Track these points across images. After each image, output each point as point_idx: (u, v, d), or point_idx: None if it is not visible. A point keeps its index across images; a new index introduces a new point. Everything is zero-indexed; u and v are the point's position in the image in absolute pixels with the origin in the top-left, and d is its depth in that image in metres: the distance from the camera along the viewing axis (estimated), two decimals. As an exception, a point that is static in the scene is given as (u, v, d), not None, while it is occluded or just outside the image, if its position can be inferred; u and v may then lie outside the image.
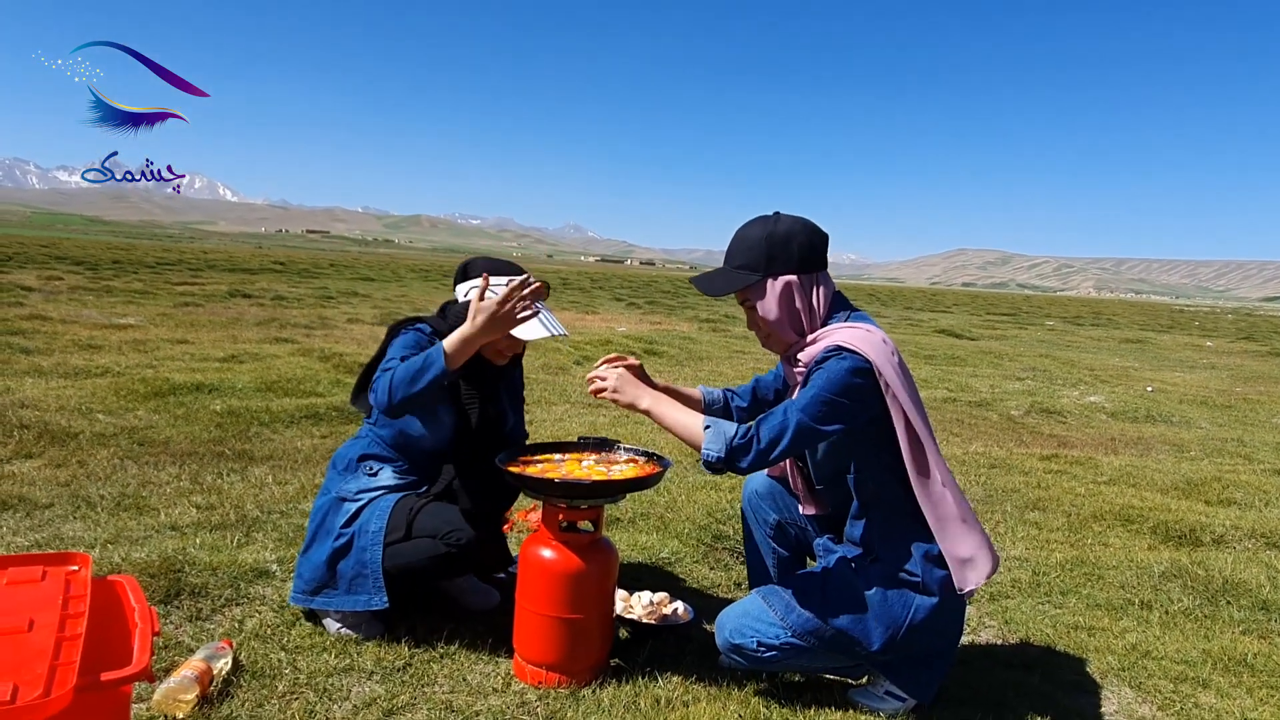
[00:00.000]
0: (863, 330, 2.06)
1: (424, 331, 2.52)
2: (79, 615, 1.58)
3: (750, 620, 2.16)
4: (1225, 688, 2.41)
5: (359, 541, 2.45)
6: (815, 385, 2.02)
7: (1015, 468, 5.32)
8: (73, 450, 4.33)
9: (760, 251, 2.12)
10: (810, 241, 2.12)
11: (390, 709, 2.10)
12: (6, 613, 1.54)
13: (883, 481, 2.13)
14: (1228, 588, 3.15)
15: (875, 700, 2.20)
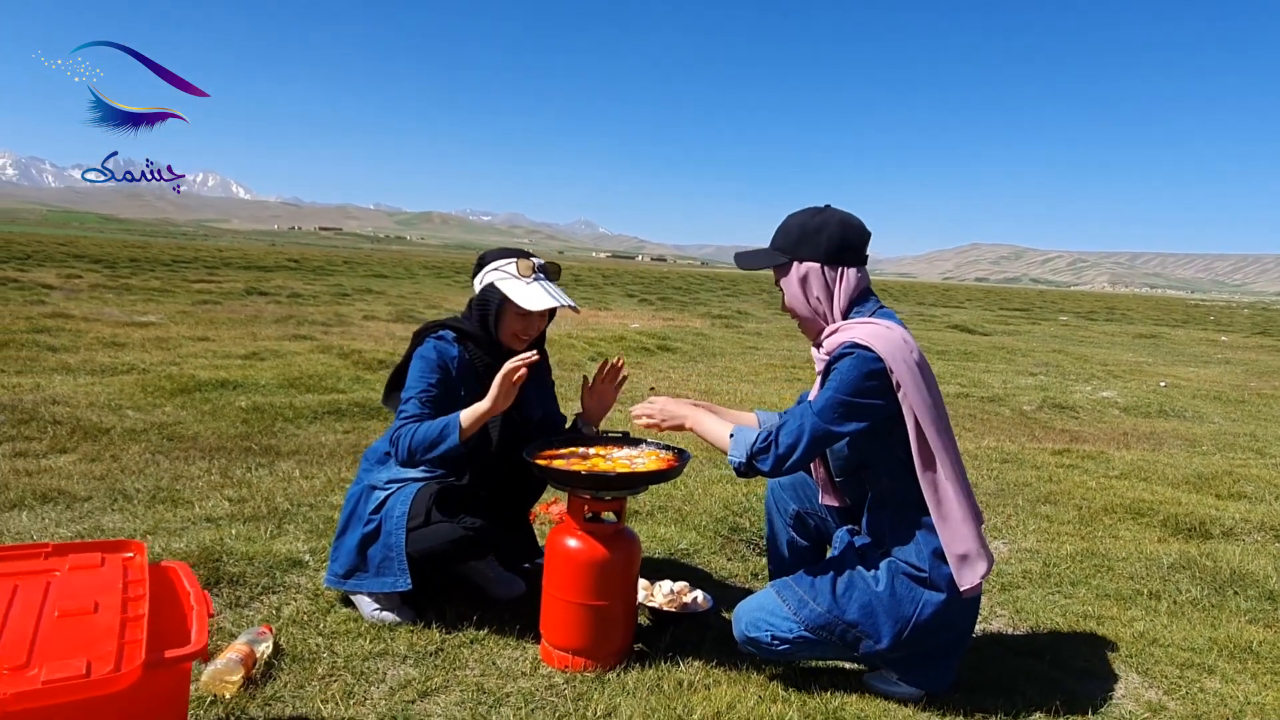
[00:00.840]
0: (882, 327, 2.13)
1: (445, 339, 2.62)
2: (140, 598, 1.68)
3: (765, 614, 2.25)
4: (1230, 674, 2.49)
5: (385, 526, 2.56)
6: (830, 387, 2.11)
7: (1027, 462, 5.38)
8: (105, 445, 4.46)
9: (793, 237, 2.24)
10: (842, 235, 2.21)
11: (425, 690, 2.19)
12: (72, 596, 1.65)
13: (896, 476, 2.20)
14: (1235, 578, 3.22)
15: (890, 685, 2.28)
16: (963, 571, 2.12)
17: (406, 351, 2.70)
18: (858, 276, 2.24)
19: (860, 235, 2.23)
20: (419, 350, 2.61)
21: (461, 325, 2.66)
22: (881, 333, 2.12)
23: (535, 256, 2.66)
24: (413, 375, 2.56)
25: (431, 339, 2.62)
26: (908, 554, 2.19)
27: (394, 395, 2.71)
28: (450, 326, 2.67)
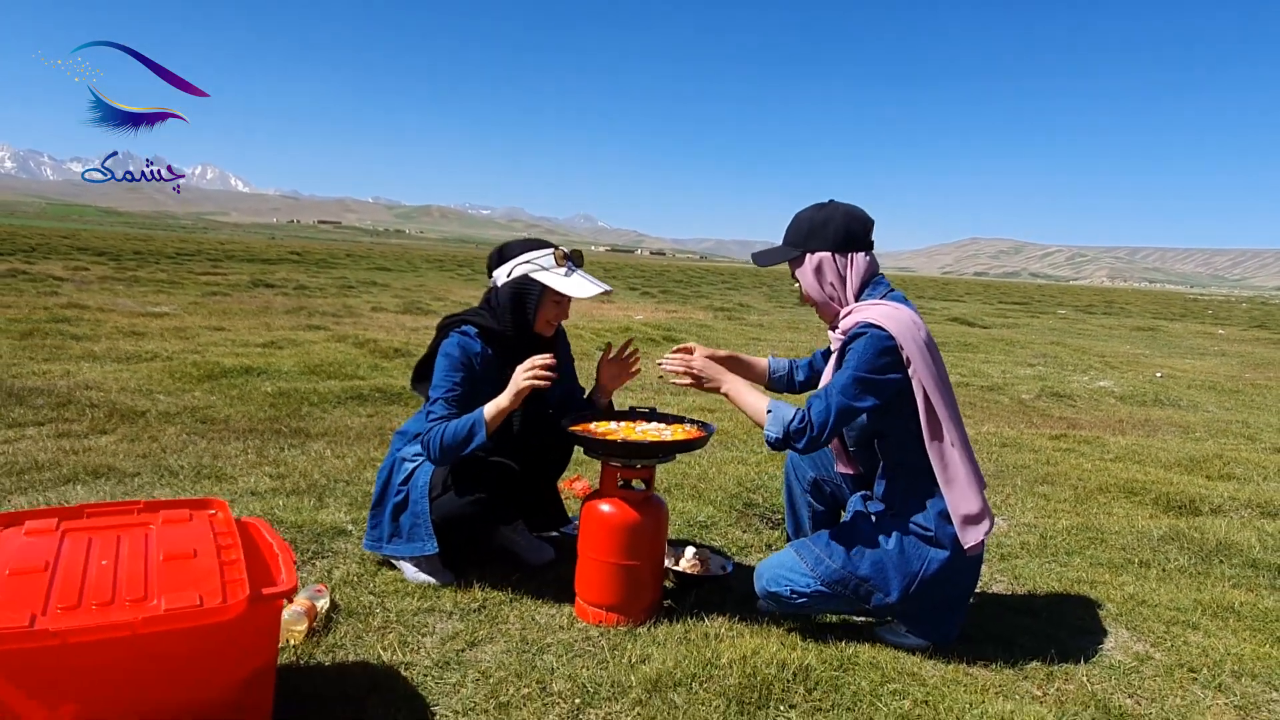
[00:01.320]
0: (892, 308, 2.33)
1: (469, 335, 2.74)
2: (232, 545, 1.89)
3: (784, 571, 2.45)
4: (1213, 629, 2.69)
5: (412, 495, 2.77)
6: (849, 366, 2.31)
7: (1025, 446, 5.58)
8: (143, 427, 4.65)
9: (803, 231, 2.45)
10: (847, 225, 2.41)
11: (472, 641, 2.39)
12: (171, 544, 1.85)
13: (906, 446, 2.41)
14: (1221, 548, 3.43)
15: (899, 637, 2.49)
16: (967, 531, 2.32)
17: (433, 342, 2.84)
18: (866, 261, 2.44)
19: (864, 223, 2.44)
20: (445, 347, 2.73)
21: (485, 321, 2.77)
22: (892, 313, 2.32)
23: (557, 246, 2.81)
24: (438, 374, 2.69)
25: (455, 334, 2.75)
26: (916, 516, 2.39)
27: (421, 383, 2.88)
28: (472, 322, 2.77)
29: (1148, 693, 2.29)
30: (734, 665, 2.19)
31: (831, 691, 2.14)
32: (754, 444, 5.04)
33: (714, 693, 2.11)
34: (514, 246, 2.83)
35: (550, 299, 2.76)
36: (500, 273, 2.81)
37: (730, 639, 2.39)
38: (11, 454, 3.95)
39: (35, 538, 1.84)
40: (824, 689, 2.14)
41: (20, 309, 9.84)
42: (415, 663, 2.26)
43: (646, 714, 2.03)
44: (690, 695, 2.10)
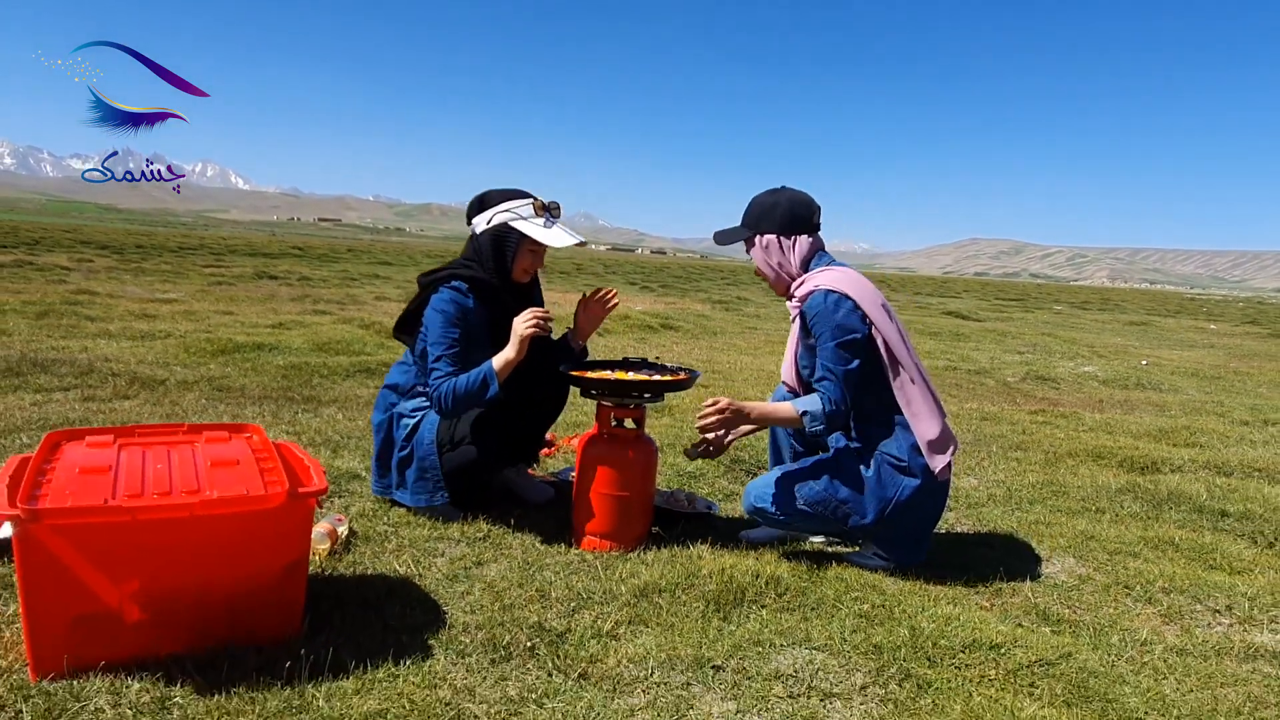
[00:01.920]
0: (840, 272, 2.66)
1: (460, 290, 2.89)
2: (270, 456, 2.15)
3: (770, 490, 2.72)
4: (1152, 558, 2.96)
5: (418, 452, 2.97)
6: (825, 338, 2.59)
7: (1004, 420, 5.84)
8: (163, 394, 4.91)
9: (754, 215, 2.78)
10: (791, 210, 2.73)
11: (478, 561, 2.65)
12: (217, 455, 2.11)
13: (875, 391, 2.67)
14: (1171, 498, 3.69)
15: (867, 559, 2.75)
16: (933, 457, 2.61)
17: (417, 297, 2.97)
18: (809, 242, 2.74)
19: (808, 208, 2.74)
20: (436, 302, 2.86)
21: (473, 273, 2.92)
22: (840, 276, 2.64)
23: (536, 196, 2.94)
24: (435, 331, 2.83)
25: (447, 289, 2.88)
26: (890, 448, 2.66)
27: (404, 334, 3.04)
28: (461, 276, 2.92)
29: (1084, 604, 2.55)
30: (713, 576, 2.45)
31: (799, 596, 2.40)
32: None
33: (694, 597, 2.37)
34: (494, 195, 2.95)
35: (527, 247, 2.92)
36: (480, 220, 2.95)
37: (712, 558, 2.65)
38: (43, 413, 4.20)
39: (96, 449, 2.09)
40: (793, 594, 2.40)
41: (31, 294, 10.08)
42: (428, 576, 2.51)
43: (634, 613, 2.29)
44: (673, 599, 2.36)
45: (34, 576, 1.76)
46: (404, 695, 1.80)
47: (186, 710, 1.72)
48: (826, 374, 2.58)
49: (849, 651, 2.12)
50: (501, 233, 2.92)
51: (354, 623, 2.15)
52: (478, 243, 2.96)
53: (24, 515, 1.69)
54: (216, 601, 1.92)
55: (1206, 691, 2.07)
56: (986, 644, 2.15)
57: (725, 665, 2.03)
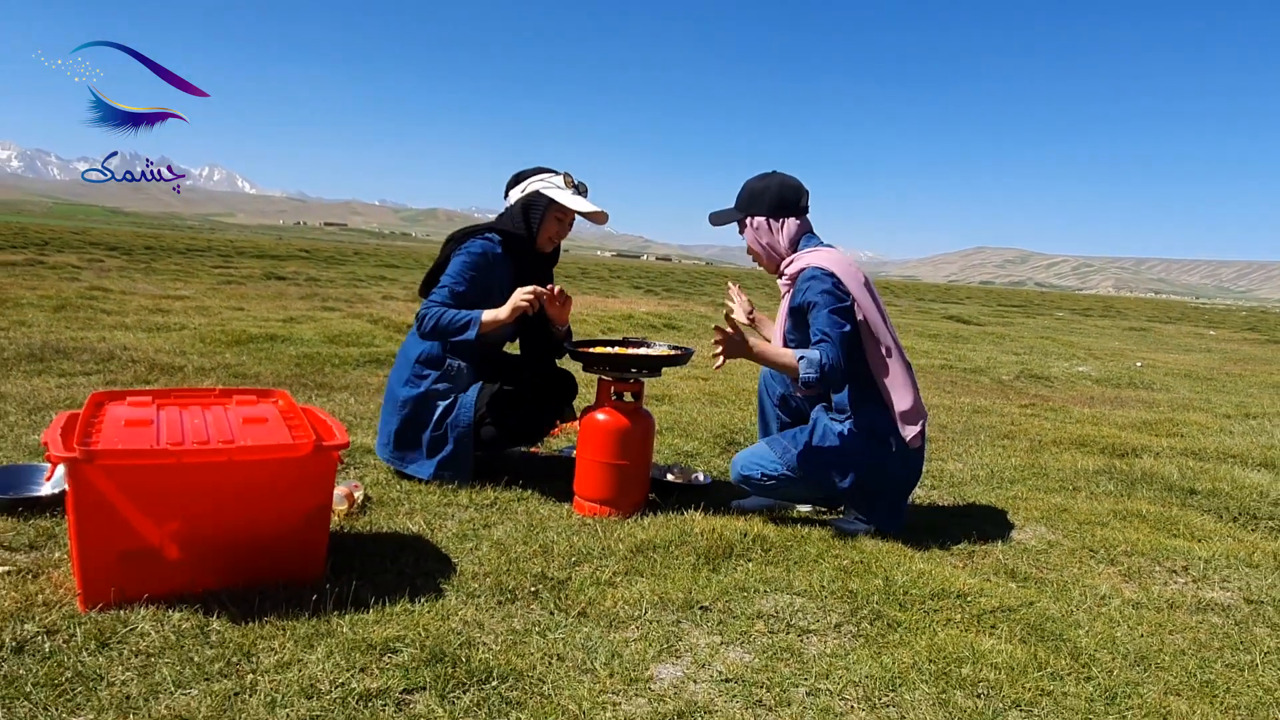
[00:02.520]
0: (827, 252, 2.87)
1: (493, 240, 3.17)
2: (296, 415, 2.34)
3: (756, 458, 2.91)
4: (1119, 527, 3.14)
5: (452, 434, 3.18)
6: (820, 306, 2.78)
7: (995, 413, 6.01)
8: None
9: (745, 199, 2.99)
10: (780, 194, 2.94)
11: (486, 524, 2.84)
12: (248, 413, 2.30)
13: (853, 360, 2.86)
14: (1145, 478, 3.87)
15: (849, 524, 2.94)
16: (906, 427, 2.81)
17: (444, 251, 3.22)
18: (797, 224, 2.96)
19: (796, 192, 2.94)
20: (468, 245, 3.14)
21: (507, 228, 3.19)
22: (828, 256, 2.85)
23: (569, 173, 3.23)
24: (455, 266, 3.10)
25: (481, 239, 3.16)
26: (866, 418, 2.86)
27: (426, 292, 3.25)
28: (496, 229, 3.19)
29: (1050, 565, 2.73)
30: (704, 534, 2.64)
31: (784, 552, 2.59)
32: (740, 402, 5.47)
33: (686, 552, 2.55)
34: (529, 170, 3.28)
35: (554, 214, 3.18)
36: (515, 191, 3.24)
37: (703, 520, 2.83)
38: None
39: (137, 407, 2.28)
40: (778, 550, 2.59)
41: (46, 290, 10.30)
42: (439, 534, 2.70)
43: (630, 566, 2.48)
44: (667, 554, 2.55)
45: (85, 514, 1.95)
46: (419, 625, 1.99)
47: (224, 635, 1.90)
48: (824, 336, 2.74)
49: (826, 597, 2.30)
50: (532, 198, 3.19)
51: (371, 569, 2.33)
52: (510, 210, 3.24)
53: (80, 456, 1.88)
54: (248, 542, 2.11)
55: (1155, 637, 2.25)
56: (954, 593, 2.34)
57: (712, 607, 2.22)
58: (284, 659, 1.80)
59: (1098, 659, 2.07)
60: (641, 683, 1.83)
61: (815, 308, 2.79)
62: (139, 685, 1.68)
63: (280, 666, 1.77)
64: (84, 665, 1.74)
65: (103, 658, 1.77)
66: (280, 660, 1.80)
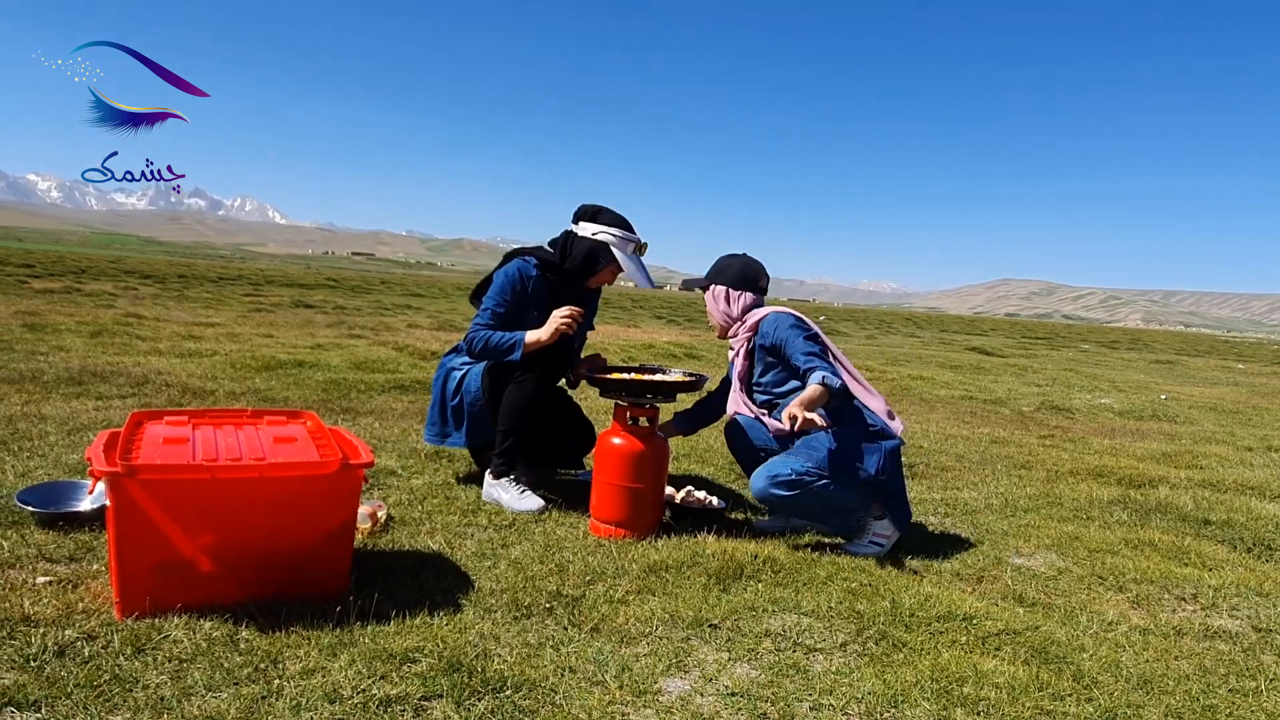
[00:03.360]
0: (773, 307, 3.24)
1: (529, 263, 3.42)
2: (324, 437, 2.44)
3: (775, 467, 2.96)
4: (1129, 555, 3.16)
5: (466, 399, 3.44)
6: (793, 339, 3.10)
7: (1013, 443, 6.02)
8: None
9: (713, 271, 3.36)
10: (742, 271, 3.31)
11: (504, 544, 2.92)
12: (278, 433, 2.40)
13: None
14: (1159, 508, 3.88)
15: (861, 548, 3.00)
16: (891, 422, 3.08)
17: (495, 268, 3.50)
18: (753, 298, 3.29)
19: (756, 273, 3.32)
20: (505, 268, 3.41)
21: (548, 257, 3.42)
22: (776, 308, 3.23)
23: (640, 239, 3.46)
24: (495, 289, 3.37)
25: (518, 261, 3.43)
26: (859, 422, 3.05)
27: (476, 301, 3.52)
28: (535, 254, 3.43)
29: (1058, 591, 2.76)
30: (716, 555, 2.71)
31: (793, 574, 2.64)
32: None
33: (698, 572, 2.62)
34: (608, 215, 3.45)
35: (611, 269, 3.42)
36: (586, 228, 3.42)
37: (716, 542, 2.90)
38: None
39: (174, 426, 2.40)
40: (788, 572, 2.65)
41: (84, 316, 10.59)
42: (458, 552, 2.78)
43: (643, 585, 2.54)
44: (679, 574, 2.61)
45: (125, 526, 2.06)
46: (437, 637, 2.07)
47: (253, 643, 1.99)
48: (812, 358, 2.98)
49: (834, 617, 2.36)
50: (600, 249, 3.39)
51: (393, 584, 2.42)
52: (573, 242, 3.42)
53: (122, 471, 1.99)
54: (277, 555, 2.21)
55: (1160, 662, 2.27)
56: (960, 615, 2.38)
57: (721, 625, 2.28)
58: (309, 666, 1.89)
59: (1100, 682, 2.10)
60: (650, 695, 1.90)
61: (788, 342, 3.10)
62: (172, 688, 1.77)
63: (305, 673, 1.86)
64: (121, 669, 1.83)
65: (138, 662, 1.87)
66: (305, 667, 1.88)
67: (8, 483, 3.08)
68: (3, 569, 2.34)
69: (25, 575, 2.31)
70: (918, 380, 10.26)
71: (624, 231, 3.40)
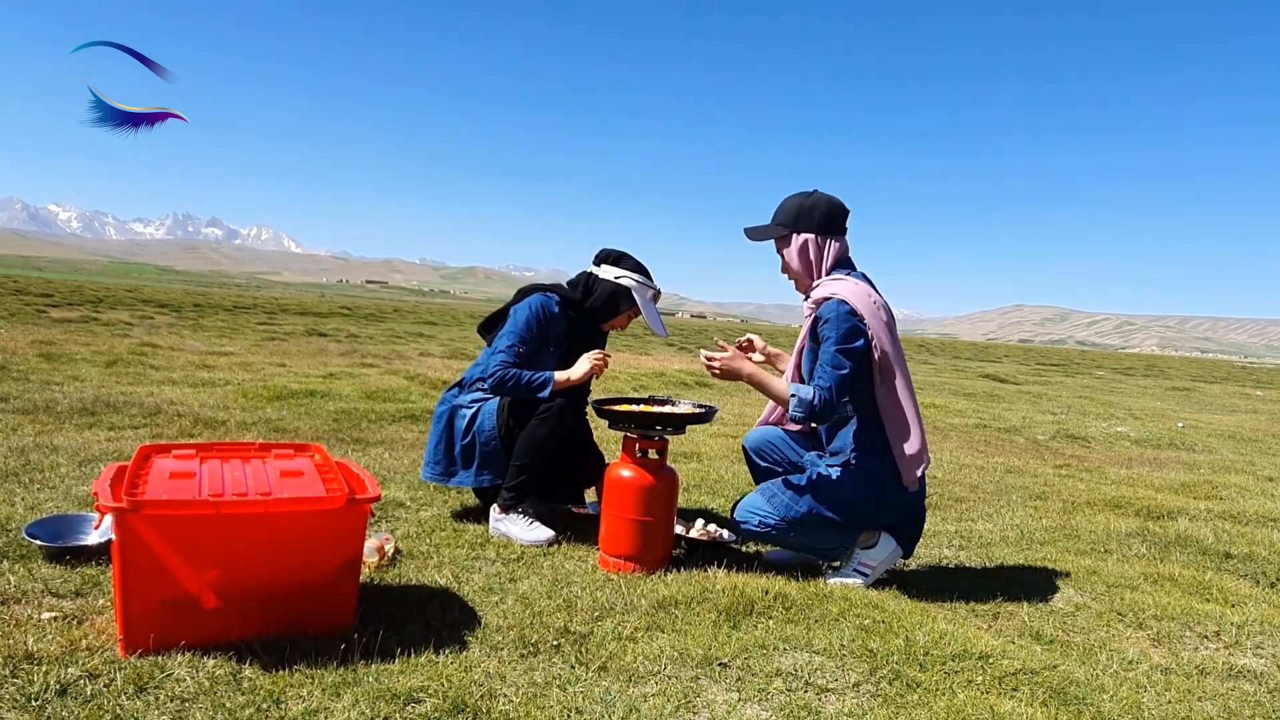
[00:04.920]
0: (853, 284, 2.88)
1: (552, 299, 3.44)
2: (331, 470, 2.43)
3: (751, 507, 2.99)
4: (1149, 590, 3.09)
5: (479, 439, 3.39)
6: (829, 341, 2.82)
7: (1028, 473, 5.96)
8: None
9: (791, 214, 2.99)
10: (829, 212, 2.96)
11: (512, 578, 2.89)
12: (285, 467, 2.39)
13: (860, 403, 2.92)
14: (1179, 541, 3.81)
15: (846, 576, 2.99)
16: (907, 469, 2.86)
17: (508, 303, 3.51)
18: (839, 245, 2.99)
19: (842, 212, 2.99)
20: (529, 301, 3.40)
21: (569, 295, 3.46)
22: (853, 289, 2.86)
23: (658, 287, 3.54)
24: (518, 323, 3.35)
25: (541, 296, 3.43)
26: (867, 460, 2.91)
27: (487, 332, 3.54)
28: (557, 292, 3.45)
29: (1077, 628, 2.71)
30: (725, 591, 2.66)
31: (805, 610, 2.60)
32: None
33: (707, 608, 2.58)
34: (631, 261, 3.50)
35: (630, 313, 3.46)
36: (609, 270, 3.47)
37: (726, 577, 2.86)
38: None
39: (181, 460, 2.39)
40: (799, 608, 2.60)
41: (99, 346, 10.66)
42: (465, 587, 2.75)
43: (652, 622, 2.50)
44: (688, 610, 2.57)
45: (130, 562, 2.04)
46: (443, 676, 2.04)
47: (256, 682, 1.97)
48: (823, 373, 2.80)
49: (846, 656, 2.31)
50: (622, 292, 3.45)
51: (399, 620, 2.39)
52: (595, 283, 3.48)
53: (127, 506, 1.98)
54: (282, 592, 2.19)
55: (1183, 704, 2.22)
56: (976, 654, 2.33)
57: (731, 663, 2.24)
58: (311, 707, 1.86)
59: (1121, 724, 2.05)
60: (658, 737, 1.86)
61: (826, 341, 2.83)
62: (173, 729, 1.75)
63: (308, 714, 1.83)
64: (122, 709, 1.81)
65: (140, 702, 1.85)
66: (308, 708, 1.86)
67: (17, 515, 3.08)
68: (8, 604, 2.33)
69: (30, 610, 2.30)
70: (931, 409, 10.18)
71: (644, 278, 3.47)
